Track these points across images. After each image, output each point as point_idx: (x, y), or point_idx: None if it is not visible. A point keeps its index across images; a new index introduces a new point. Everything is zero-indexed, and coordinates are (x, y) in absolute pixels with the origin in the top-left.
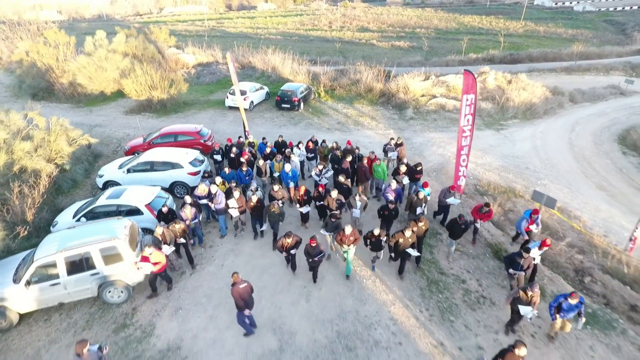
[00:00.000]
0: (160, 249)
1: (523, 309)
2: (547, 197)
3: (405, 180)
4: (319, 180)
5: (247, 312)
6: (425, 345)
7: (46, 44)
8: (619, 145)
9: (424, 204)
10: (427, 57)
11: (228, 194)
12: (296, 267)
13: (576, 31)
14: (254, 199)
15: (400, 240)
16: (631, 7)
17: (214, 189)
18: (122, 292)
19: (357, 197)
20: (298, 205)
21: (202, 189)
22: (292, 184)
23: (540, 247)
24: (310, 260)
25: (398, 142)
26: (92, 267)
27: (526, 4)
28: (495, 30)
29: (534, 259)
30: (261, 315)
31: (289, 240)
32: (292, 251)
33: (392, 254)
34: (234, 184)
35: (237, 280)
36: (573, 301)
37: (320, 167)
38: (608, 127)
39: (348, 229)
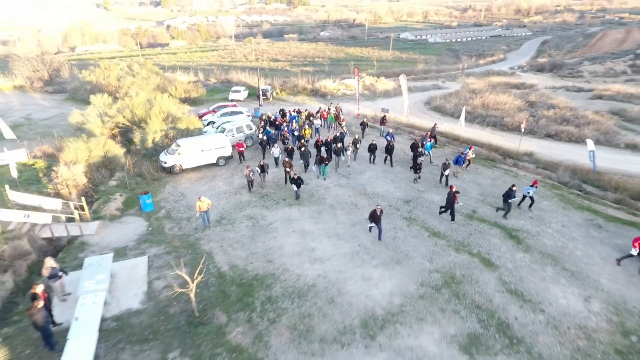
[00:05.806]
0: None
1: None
2: (385, 109)
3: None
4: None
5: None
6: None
7: (102, 70)
8: (424, 103)
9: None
10: (329, 76)
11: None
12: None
13: (427, 57)
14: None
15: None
16: (467, 39)
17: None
18: (252, 141)
19: (351, 147)
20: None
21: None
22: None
23: (532, 185)
24: None
25: (337, 106)
26: (244, 131)
27: (392, 38)
28: (373, 58)
29: (528, 192)
30: None
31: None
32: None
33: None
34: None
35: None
36: (470, 154)
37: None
38: (424, 99)
39: (324, 154)
